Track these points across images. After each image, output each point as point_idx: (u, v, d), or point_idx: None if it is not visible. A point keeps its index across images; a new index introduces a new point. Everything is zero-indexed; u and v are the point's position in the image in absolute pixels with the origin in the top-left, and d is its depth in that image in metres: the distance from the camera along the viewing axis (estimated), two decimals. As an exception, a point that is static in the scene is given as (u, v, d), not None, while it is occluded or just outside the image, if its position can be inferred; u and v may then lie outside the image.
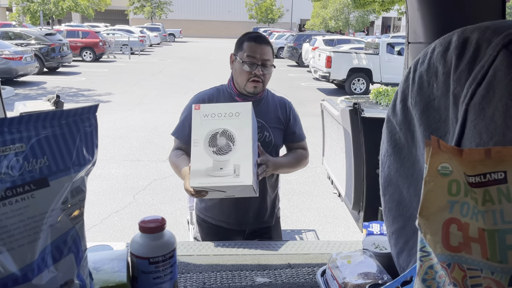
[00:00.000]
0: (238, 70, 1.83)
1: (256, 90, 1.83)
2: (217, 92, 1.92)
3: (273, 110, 1.93)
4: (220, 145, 1.38)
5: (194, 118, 1.41)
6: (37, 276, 0.60)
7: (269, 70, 1.85)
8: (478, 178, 0.59)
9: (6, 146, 0.57)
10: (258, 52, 1.79)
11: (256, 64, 1.79)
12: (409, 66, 1.03)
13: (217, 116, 1.39)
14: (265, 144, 1.84)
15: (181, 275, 1.19)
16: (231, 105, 1.46)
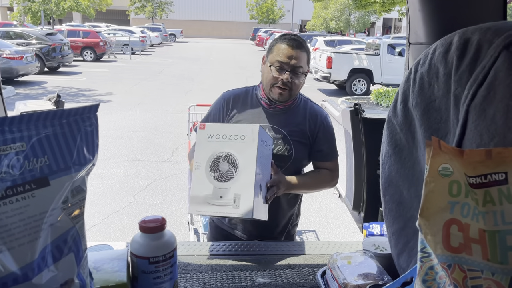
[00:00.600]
0: (265, 73, 1.71)
1: (282, 97, 1.68)
2: (246, 93, 1.80)
3: (300, 122, 1.75)
4: (222, 171, 1.30)
5: (198, 138, 1.32)
6: (37, 275, 0.60)
7: (300, 78, 1.68)
8: (479, 179, 0.59)
9: (7, 145, 0.57)
10: (289, 57, 1.63)
11: (286, 70, 1.64)
12: (410, 67, 1.02)
13: (221, 137, 1.30)
14: (283, 158, 1.71)
15: (181, 275, 1.19)
16: (237, 126, 1.34)
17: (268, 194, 1.45)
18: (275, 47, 1.68)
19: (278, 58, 1.64)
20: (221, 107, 1.76)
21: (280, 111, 1.74)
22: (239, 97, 1.78)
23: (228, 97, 1.78)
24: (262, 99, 1.75)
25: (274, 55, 1.66)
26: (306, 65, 1.69)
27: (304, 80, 1.73)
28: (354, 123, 2.40)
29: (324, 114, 1.81)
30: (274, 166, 1.56)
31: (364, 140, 2.35)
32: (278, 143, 1.71)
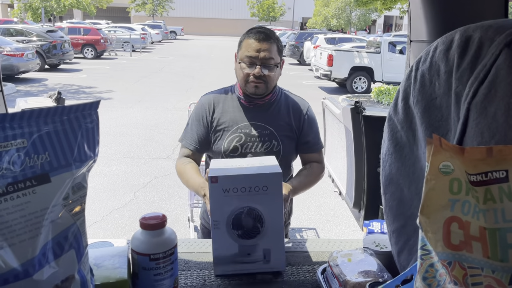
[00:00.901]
0: (237, 71, 1.71)
1: (258, 90, 1.67)
2: (225, 93, 1.79)
3: (285, 116, 1.76)
4: (247, 227, 1.16)
5: (212, 193, 1.14)
6: (38, 272, 0.60)
7: (272, 70, 1.66)
8: (479, 177, 0.59)
9: (8, 142, 0.57)
10: (257, 50, 1.61)
11: (256, 64, 1.63)
12: (411, 65, 1.02)
13: (240, 191, 1.13)
14: (272, 154, 1.68)
15: (181, 272, 1.20)
16: (256, 176, 1.16)
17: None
18: (243, 42, 1.67)
19: (246, 54, 1.63)
20: (203, 112, 1.74)
21: (262, 107, 1.73)
22: (219, 98, 1.76)
23: (208, 101, 1.76)
24: (240, 97, 1.74)
25: (243, 51, 1.65)
26: (278, 55, 1.67)
27: (279, 72, 1.71)
28: (355, 121, 2.40)
29: (307, 105, 1.82)
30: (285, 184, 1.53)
31: (364, 138, 2.35)
32: (265, 140, 1.71)
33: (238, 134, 1.71)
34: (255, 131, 1.71)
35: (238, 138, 1.70)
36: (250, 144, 1.71)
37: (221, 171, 1.14)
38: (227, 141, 1.71)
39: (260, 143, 1.71)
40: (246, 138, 1.70)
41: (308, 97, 1.97)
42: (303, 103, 1.82)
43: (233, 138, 1.71)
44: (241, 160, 1.28)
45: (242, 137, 1.70)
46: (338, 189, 3.20)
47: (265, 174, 1.14)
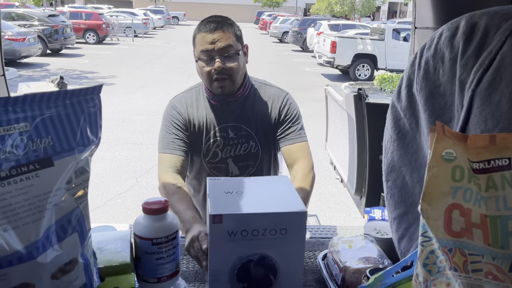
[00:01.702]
0: (198, 71, 1.52)
1: (225, 90, 1.49)
2: (195, 94, 1.63)
3: (261, 111, 1.59)
4: (255, 278, 0.92)
5: (213, 237, 0.88)
6: (41, 254, 0.60)
7: (234, 60, 1.47)
8: (482, 164, 0.59)
9: (11, 125, 0.57)
10: (211, 43, 1.44)
11: (214, 58, 1.45)
12: (415, 52, 1.01)
13: (251, 234, 0.88)
14: (251, 156, 1.60)
15: (183, 257, 1.21)
16: (274, 216, 0.89)
17: None
18: (196, 38, 1.50)
19: (201, 49, 1.46)
20: (175, 116, 1.59)
21: (234, 104, 1.58)
22: (190, 100, 1.61)
23: (179, 103, 1.61)
24: (210, 98, 1.58)
25: (198, 47, 1.48)
26: (237, 42, 1.49)
27: (244, 60, 1.54)
28: (358, 108, 2.39)
29: (285, 94, 1.63)
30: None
31: (367, 125, 2.34)
32: (243, 142, 1.59)
33: (215, 138, 1.59)
34: (231, 133, 1.59)
35: (217, 143, 1.59)
36: (229, 148, 1.59)
37: (226, 205, 0.89)
38: (206, 147, 1.60)
39: (238, 145, 1.59)
40: (225, 142, 1.59)
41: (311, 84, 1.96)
42: (280, 92, 1.63)
43: (212, 143, 1.59)
44: (248, 182, 1.04)
45: (220, 141, 1.59)
46: (339, 176, 3.21)
47: (286, 213, 0.88)
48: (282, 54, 16.88)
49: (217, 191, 0.96)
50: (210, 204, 0.89)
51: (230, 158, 1.60)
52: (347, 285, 0.98)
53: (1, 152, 0.55)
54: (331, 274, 1.06)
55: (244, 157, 1.60)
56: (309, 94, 8.97)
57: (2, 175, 0.56)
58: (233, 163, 1.61)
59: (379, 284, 0.83)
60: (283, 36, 22.21)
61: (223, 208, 0.87)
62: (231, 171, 1.62)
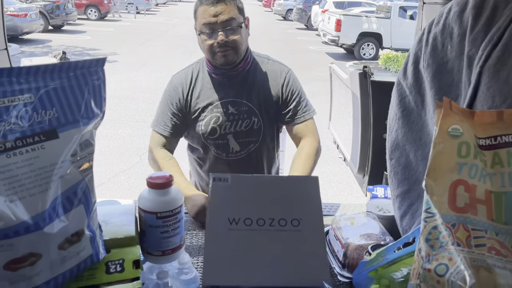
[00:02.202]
0: (200, 44, 1.52)
1: (229, 59, 1.49)
2: (196, 71, 1.61)
3: (263, 86, 1.58)
4: None
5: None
6: (48, 225, 0.61)
7: (237, 33, 1.47)
8: (488, 141, 0.58)
9: (15, 96, 0.57)
10: (214, 16, 1.43)
11: (217, 30, 1.45)
12: (423, 28, 1.00)
13: None
14: (253, 132, 1.58)
15: (187, 232, 1.22)
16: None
17: None
18: (197, 11, 1.49)
19: (203, 21, 1.45)
20: (175, 94, 1.58)
21: (236, 79, 1.56)
22: (191, 77, 1.60)
23: (180, 81, 1.60)
24: (211, 72, 1.57)
25: (199, 20, 1.47)
26: (239, 14, 1.48)
27: (246, 32, 1.53)
28: (363, 86, 2.37)
29: (287, 70, 1.63)
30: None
31: (371, 104, 2.33)
32: (244, 118, 1.57)
33: (214, 114, 1.57)
34: (232, 108, 1.57)
35: (215, 119, 1.57)
36: (229, 124, 1.57)
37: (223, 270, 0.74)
38: (204, 123, 1.57)
39: (240, 121, 1.57)
40: (224, 118, 1.56)
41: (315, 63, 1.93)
42: (282, 68, 1.63)
43: (210, 119, 1.57)
44: (257, 205, 0.90)
45: (219, 117, 1.56)
46: (342, 155, 3.21)
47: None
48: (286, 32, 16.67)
49: (219, 220, 0.86)
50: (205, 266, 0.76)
51: (230, 134, 1.58)
52: (349, 261, 0.99)
53: (6, 123, 0.55)
54: (333, 250, 1.07)
55: (245, 133, 1.58)
56: (313, 73, 8.89)
57: (7, 146, 0.56)
58: (234, 139, 1.59)
59: (381, 260, 0.83)
60: (287, 13, 21.85)
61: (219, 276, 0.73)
62: (232, 147, 1.60)
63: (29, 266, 0.62)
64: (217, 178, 0.93)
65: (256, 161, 1.65)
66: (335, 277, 1.01)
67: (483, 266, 0.57)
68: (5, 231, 0.58)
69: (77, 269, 0.70)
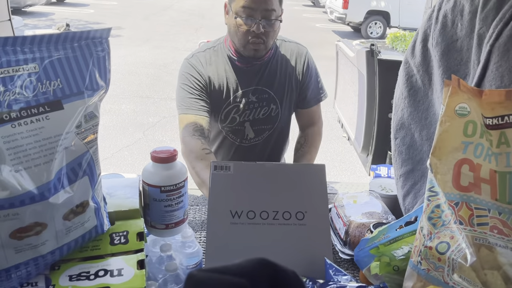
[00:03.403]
0: (232, 28, 1.41)
1: (257, 53, 1.43)
2: (216, 54, 1.51)
3: (284, 73, 1.54)
4: None
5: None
6: (53, 195, 0.62)
7: (274, 26, 1.39)
8: (495, 120, 0.58)
9: (20, 66, 0.56)
10: (256, 2, 1.33)
11: (256, 18, 1.35)
12: (433, 5, 0.98)
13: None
14: (270, 119, 1.54)
15: (190, 207, 1.23)
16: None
17: None
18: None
19: (243, 4, 1.34)
20: (194, 76, 1.48)
21: (258, 67, 1.50)
22: (210, 60, 1.49)
23: (197, 63, 1.49)
24: (234, 58, 1.48)
25: (238, 1, 1.35)
26: (279, 6, 1.40)
27: (279, 27, 1.44)
28: (369, 64, 2.34)
29: (305, 50, 1.59)
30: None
31: (378, 82, 2.30)
32: (263, 105, 1.53)
33: (236, 104, 1.52)
34: (253, 96, 1.52)
35: (236, 109, 1.52)
36: (248, 112, 1.53)
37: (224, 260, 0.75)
38: (225, 113, 1.53)
39: (259, 108, 1.53)
40: (245, 106, 1.52)
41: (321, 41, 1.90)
42: (300, 48, 1.58)
43: (231, 109, 1.52)
44: (260, 195, 0.87)
45: (240, 107, 1.52)
46: (346, 134, 3.20)
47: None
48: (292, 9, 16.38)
49: (220, 215, 0.83)
50: (206, 259, 0.75)
51: (248, 121, 1.55)
52: (350, 238, 1.00)
53: (11, 92, 0.55)
54: (335, 227, 1.08)
55: (262, 121, 1.55)
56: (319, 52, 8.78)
57: (12, 116, 0.56)
58: (250, 127, 1.56)
59: (383, 237, 0.84)
60: (294, -10, 21.43)
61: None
62: (247, 134, 1.58)
63: (35, 236, 0.63)
64: (218, 166, 0.88)
65: (268, 147, 1.64)
66: (336, 254, 1.02)
67: (484, 244, 0.58)
68: (11, 200, 0.58)
69: (81, 239, 0.71)
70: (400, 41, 6.77)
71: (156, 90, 6.04)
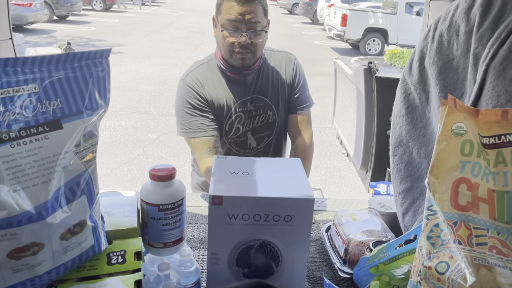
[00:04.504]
0: (219, 39, 1.47)
1: (245, 62, 1.47)
2: (209, 69, 1.56)
3: (276, 79, 1.59)
4: (256, 266, 0.87)
5: (213, 218, 0.83)
6: (51, 215, 0.61)
7: (260, 37, 1.44)
8: (492, 139, 0.58)
9: (20, 86, 0.57)
10: (241, 14, 1.38)
11: (241, 30, 1.41)
12: (429, 24, 0.99)
13: (252, 219, 0.82)
14: (268, 126, 1.60)
15: (189, 225, 1.23)
16: (279, 201, 0.82)
17: None
18: (222, 5, 1.43)
19: (228, 17, 1.40)
20: (193, 95, 1.52)
21: (250, 76, 1.56)
22: (204, 76, 1.54)
23: (194, 81, 1.53)
24: (225, 69, 1.53)
25: (224, 15, 1.41)
26: (264, 18, 1.45)
27: (266, 37, 1.49)
28: (367, 82, 2.36)
29: (294, 57, 1.64)
30: None
31: (376, 100, 2.32)
32: (261, 113, 1.58)
33: (238, 114, 1.56)
34: (250, 105, 1.57)
35: (239, 119, 1.57)
36: (248, 121, 1.59)
37: (228, 187, 0.83)
38: (229, 124, 1.57)
39: (257, 116, 1.58)
40: (245, 116, 1.58)
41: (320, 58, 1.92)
42: (289, 56, 1.64)
43: (234, 119, 1.57)
44: (257, 163, 0.95)
45: (242, 116, 1.57)
46: (345, 150, 3.21)
47: (291, 199, 0.82)
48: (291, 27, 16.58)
49: (222, 171, 0.90)
50: (212, 184, 0.83)
51: (249, 131, 1.60)
52: (350, 256, 1.00)
53: (11, 112, 0.56)
54: (334, 246, 1.07)
55: (260, 128, 1.61)
56: (318, 68, 8.86)
57: (11, 136, 0.56)
58: (251, 136, 1.61)
59: (382, 256, 0.84)
60: (293, 7, 21.72)
61: (224, 190, 0.81)
62: (249, 143, 1.62)
63: (32, 256, 0.62)
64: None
65: (269, 154, 1.69)
66: (336, 273, 1.01)
67: (483, 264, 0.57)
68: (9, 220, 0.58)
69: (78, 259, 0.70)
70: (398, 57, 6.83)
71: (156, 106, 6.07)
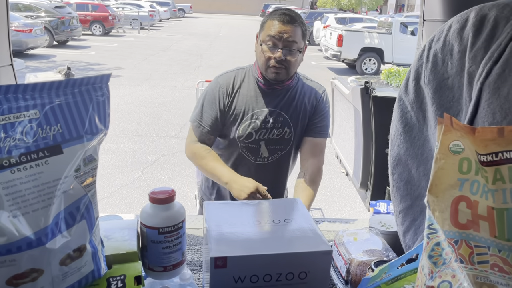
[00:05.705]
0: (258, 53, 1.63)
1: (279, 77, 1.60)
2: (241, 74, 1.71)
3: (300, 102, 1.71)
4: None
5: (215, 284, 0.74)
6: (51, 240, 0.61)
7: (294, 55, 1.59)
8: (489, 157, 0.58)
9: (20, 113, 0.57)
10: (280, 32, 1.54)
11: (278, 47, 1.56)
12: (424, 44, 1.01)
13: (262, 280, 0.74)
14: (283, 141, 1.70)
15: (189, 247, 1.22)
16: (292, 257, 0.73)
17: None
18: (266, 24, 1.60)
19: (269, 33, 1.56)
20: (220, 94, 1.68)
21: (279, 92, 1.69)
22: (237, 80, 1.70)
23: (226, 82, 1.69)
24: (259, 80, 1.67)
25: (265, 31, 1.58)
26: (302, 40, 1.60)
27: (301, 58, 1.65)
28: (364, 101, 2.38)
29: (323, 89, 1.79)
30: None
31: (373, 119, 2.33)
32: (278, 127, 1.68)
33: (253, 120, 1.67)
34: (270, 117, 1.68)
35: (254, 125, 1.67)
36: (264, 131, 1.68)
37: (231, 244, 0.73)
38: (242, 127, 1.67)
39: (274, 129, 1.69)
40: (261, 125, 1.67)
41: (317, 78, 1.95)
42: (319, 87, 1.79)
43: (248, 124, 1.67)
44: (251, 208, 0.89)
45: (257, 123, 1.67)
46: (345, 170, 3.21)
47: (307, 253, 0.72)
48: (288, 48, 16.79)
49: (218, 224, 0.81)
50: (211, 242, 0.74)
51: (263, 140, 1.69)
52: (352, 277, 0.99)
53: (11, 139, 0.56)
54: (336, 266, 1.07)
55: (276, 141, 1.70)
56: (315, 88, 8.92)
57: (12, 161, 0.57)
58: (265, 146, 1.70)
59: (384, 276, 0.83)
60: (290, 29, 22.02)
61: (227, 249, 0.72)
62: (261, 153, 1.71)
63: (31, 282, 0.62)
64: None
65: (279, 167, 1.77)
66: (338, 294, 0.99)
67: (486, 283, 0.57)
68: (8, 246, 0.58)
69: (78, 285, 0.70)
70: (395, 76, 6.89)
71: (155, 128, 6.09)
